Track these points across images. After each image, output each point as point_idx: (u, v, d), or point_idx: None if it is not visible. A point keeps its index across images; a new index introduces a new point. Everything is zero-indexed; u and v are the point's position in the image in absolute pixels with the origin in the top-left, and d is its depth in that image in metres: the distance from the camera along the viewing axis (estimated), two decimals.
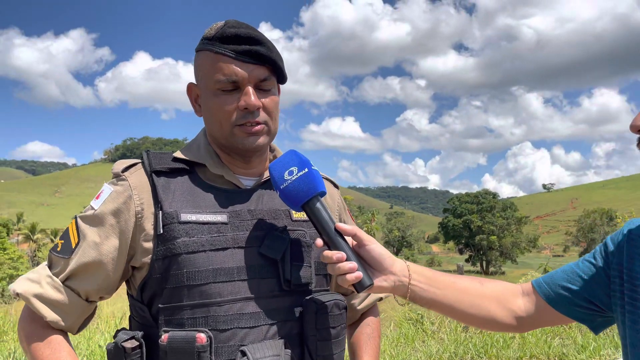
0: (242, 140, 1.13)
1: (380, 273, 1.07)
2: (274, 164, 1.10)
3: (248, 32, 1.10)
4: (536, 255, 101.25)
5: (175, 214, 1.08)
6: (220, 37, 1.10)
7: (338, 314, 1.11)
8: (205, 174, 1.17)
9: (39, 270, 1.13)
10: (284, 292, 1.11)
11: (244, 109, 1.10)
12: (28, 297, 1.09)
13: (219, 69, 1.10)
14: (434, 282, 1.11)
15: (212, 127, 1.16)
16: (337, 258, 1.03)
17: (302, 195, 1.06)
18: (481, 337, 6.22)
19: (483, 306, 1.13)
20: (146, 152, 1.18)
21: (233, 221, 1.12)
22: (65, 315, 1.10)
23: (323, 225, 1.06)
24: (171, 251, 1.07)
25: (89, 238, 1.11)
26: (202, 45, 1.14)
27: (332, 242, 1.05)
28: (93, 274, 1.10)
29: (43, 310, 1.08)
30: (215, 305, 1.06)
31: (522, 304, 1.15)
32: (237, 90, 1.11)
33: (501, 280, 1.21)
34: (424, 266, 1.14)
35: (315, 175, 1.07)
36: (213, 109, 1.13)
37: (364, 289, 1.04)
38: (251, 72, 1.10)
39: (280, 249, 1.11)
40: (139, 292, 1.12)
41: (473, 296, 1.13)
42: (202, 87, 1.15)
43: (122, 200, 1.12)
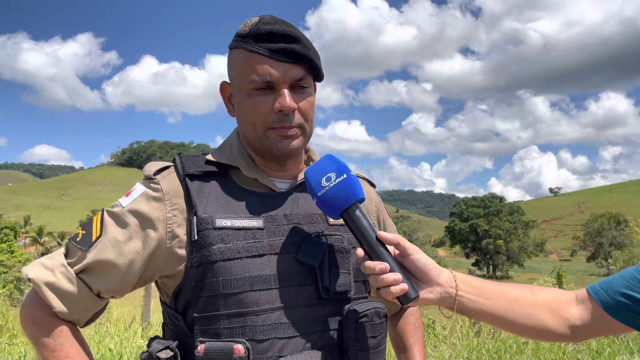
0: (276, 144, 1.08)
1: (425, 284, 1.01)
2: (310, 169, 1.05)
3: (284, 29, 1.05)
4: (543, 260, 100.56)
5: (210, 220, 1.04)
6: (254, 34, 1.06)
7: (379, 322, 1.06)
8: (239, 177, 1.13)
9: (54, 257, 1.08)
10: (323, 300, 1.06)
11: (278, 111, 1.06)
12: (39, 284, 1.04)
13: (252, 68, 1.06)
14: (482, 292, 1.05)
15: (245, 129, 1.12)
16: (380, 269, 0.97)
17: (341, 203, 1.01)
18: (494, 342, 6.16)
19: (535, 316, 1.06)
20: (179, 155, 1.14)
21: (269, 226, 1.07)
22: (74, 308, 1.06)
23: (364, 234, 1.01)
24: (206, 258, 1.03)
25: (110, 235, 1.06)
26: (236, 43, 1.10)
27: (374, 252, 1.00)
28: (107, 273, 1.06)
29: (52, 300, 1.04)
30: (253, 314, 1.01)
31: (577, 312, 1.08)
32: (272, 90, 1.06)
33: (549, 287, 1.14)
34: (470, 275, 1.09)
35: (354, 181, 1.02)
36: (246, 110, 1.09)
37: (409, 302, 0.99)
38: (287, 71, 1.06)
39: (318, 255, 1.06)
40: (173, 300, 1.09)
41: (524, 305, 1.06)
42: (236, 86, 1.11)
43: (154, 204, 1.07)
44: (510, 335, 6.38)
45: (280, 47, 1.05)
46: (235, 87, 1.12)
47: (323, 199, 1.01)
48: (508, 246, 69.40)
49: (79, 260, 1.06)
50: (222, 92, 1.17)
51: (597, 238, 73.97)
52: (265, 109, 1.06)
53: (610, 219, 75.90)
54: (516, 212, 74.89)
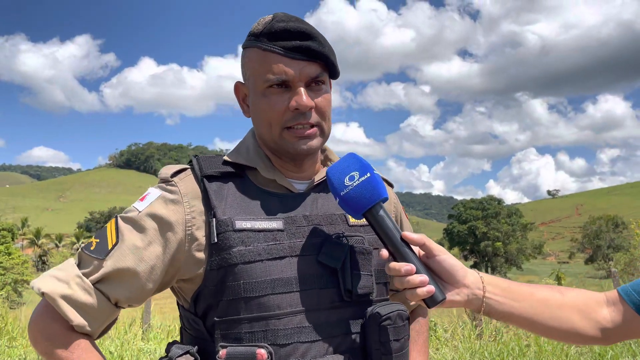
0: (293, 144, 1.07)
1: (452, 286, 0.99)
2: (332, 168, 1.03)
3: (298, 26, 1.04)
4: (541, 262, 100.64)
5: (230, 222, 1.02)
6: (268, 32, 1.04)
7: (402, 325, 1.04)
8: (257, 178, 1.11)
9: (66, 268, 1.04)
10: (345, 303, 1.04)
11: (294, 109, 1.04)
12: (54, 297, 0.99)
13: (267, 67, 1.04)
14: (510, 293, 1.02)
15: (261, 129, 1.10)
16: (405, 270, 0.95)
17: (365, 203, 0.98)
18: (496, 345, 6.14)
19: (565, 318, 1.03)
20: (195, 157, 1.12)
21: (289, 228, 1.05)
22: (92, 320, 1.01)
23: (388, 235, 0.99)
24: (227, 261, 1.01)
25: (129, 241, 1.03)
26: (250, 42, 1.08)
27: (399, 253, 0.98)
28: (127, 281, 1.02)
29: (69, 313, 0.99)
30: (275, 318, 0.99)
31: (608, 314, 1.05)
32: (288, 89, 1.05)
33: (578, 288, 1.11)
34: (497, 276, 1.06)
35: (378, 181, 1.00)
36: (262, 109, 1.07)
37: (436, 304, 0.96)
38: (302, 69, 1.04)
39: (340, 256, 1.04)
40: (192, 304, 1.06)
41: (554, 307, 1.04)
42: (251, 86, 1.10)
43: (172, 207, 1.05)
44: (513, 338, 6.36)
45: (295, 45, 1.03)
46: (249, 87, 1.10)
47: (346, 199, 0.99)
48: (506, 248, 69.46)
49: (94, 270, 1.01)
50: (236, 93, 1.16)
51: (595, 240, 74.09)
52: (280, 107, 1.05)
53: (608, 221, 76.08)
54: (514, 215, 74.95)
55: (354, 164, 1.01)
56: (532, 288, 1.06)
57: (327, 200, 1.13)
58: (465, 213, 75.11)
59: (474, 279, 1.00)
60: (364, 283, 1.05)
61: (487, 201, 76.68)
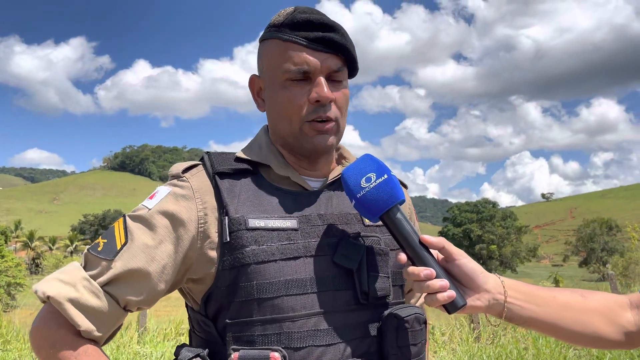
0: (312, 140, 1.04)
1: (472, 291, 0.96)
2: (348, 169, 0.99)
3: (321, 18, 1.02)
4: (536, 265, 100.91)
5: (243, 220, 0.98)
6: (290, 23, 1.02)
7: (419, 329, 1.01)
8: (270, 175, 1.07)
9: (70, 271, 0.98)
10: (361, 305, 1.01)
11: (315, 101, 1.01)
12: (61, 301, 0.93)
13: (288, 57, 1.01)
14: (532, 298, 0.99)
15: (278, 123, 1.07)
16: (425, 275, 0.92)
17: (382, 205, 0.95)
18: (494, 348, 6.13)
19: (588, 322, 1.00)
20: (207, 154, 1.09)
21: (303, 227, 1.02)
22: (100, 325, 0.95)
23: (406, 238, 0.95)
24: (239, 261, 0.97)
25: (139, 240, 0.98)
26: (269, 33, 1.06)
27: (418, 257, 0.94)
28: (139, 282, 0.97)
29: (77, 318, 0.93)
30: (289, 320, 0.95)
31: (632, 318, 1.02)
32: (307, 82, 1.02)
33: (599, 291, 1.10)
34: (518, 280, 1.03)
35: (395, 183, 0.97)
36: (281, 102, 1.04)
37: (457, 310, 0.93)
38: (324, 61, 1.01)
39: (356, 257, 1.00)
40: (203, 305, 1.02)
41: (576, 311, 1.01)
42: (268, 79, 1.06)
43: (183, 202, 1.01)
44: (511, 341, 6.35)
45: (317, 36, 1.01)
46: (267, 80, 1.07)
47: (362, 201, 0.96)
48: (501, 251, 69.67)
49: (102, 272, 0.96)
50: (250, 86, 1.13)
51: (589, 243, 74.27)
52: (300, 100, 1.02)
53: (602, 224, 76.32)
54: (509, 218, 75.23)
55: (370, 165, 0.98)
56: (554, 292, 1.03)
57: (342, 198, 1.09)
58: (460, 216, 75.35)
59: (495, 284, 0.97)
60: (381, 285, 1.02)
61: (482, 204, 76.97)
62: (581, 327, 1.00)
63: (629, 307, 1.03)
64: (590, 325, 1.00)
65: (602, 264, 62.20)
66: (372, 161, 0.99)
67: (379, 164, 0.98)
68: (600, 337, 1.01)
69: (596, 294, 1.05)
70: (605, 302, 1.03)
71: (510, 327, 6.86)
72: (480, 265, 0.98)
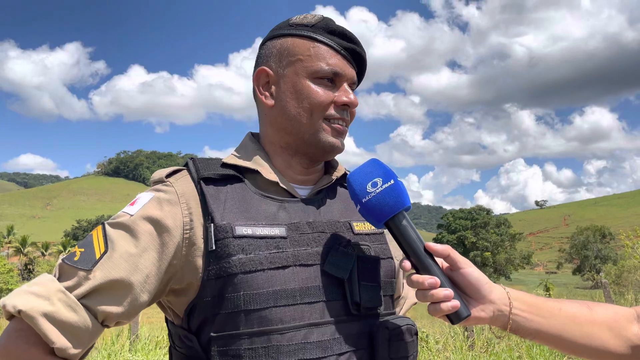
0: (328, 137, 1.03)
1: (477, 301, 0.93)
2: (353, 174, 0.97)
3: (351, 32, 1.06)
4: (530, 272, 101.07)
5: (229, 227, 0.94)
6: (325, 27, 1.04)
7: (411, 340, 0.99)
8: (257, 182, 1.04)
9: (44, 282, 0.90)
10: (352, 316, 0.97)
11: (342, 105, 1.03)
12: (34, 315, 0.85)
13: (322, 57, 1.02)
14: (537, 309, 0.97)
15: (296, 116, 1.03)
16: (429, 284, 0.89)
17: (387, 211, 0.93)
18: (488, 356, 6.10)
19: (595, 335, 0.98)
20: (191, 159, 1.06)
21: (292, 235, 0.98)
22: (76, 342, 0.88)
23: (411, 245, 0.93)
24: (226, 270, 0.92)
25: (120, 248, 0.92)
26: (298, 30, 1.05)
27: (422, 265, 0.92)
28: (120, 293, 0.91)
29: (51, 334, 0.85)
30: (277, 333, 0.91)
31: (638, 331, 0.99)
32: (332, 85, 1.03)
33: (605, 303, 1.07)
34: (524, 291, 1.02)
35: (402, 188, 0.94)
36: (307, 94, 1.02)
37: (460, 321, 0.90)
38: (349, 71, 1.05)
39: (347, 266, 0.97)
40: (185, 318, 0.97)
41: (583, 324, 0.98)
42: (289, 73, 1.04)
43: (168, 208, 0.96)
44: (505, 349, 6.32)
45: (350, 47, 1.05)
46: (286, 74, 1.04)
47: (368, 206, 0.94)
48: (495, 258, 69.74)
49: (80, 283, 0.89)
50: (257, 78, 1.08)
51: (583, 251, 74.50)
52: (327, 98, 1.02)
53: (596, 232, 76.65)
54: (503, 225, 75.36)
55: (377, 170, 0.96)
56: (560, 303, 1.00)
57: (330, 207, 1.07)
58: (454, 223, 75.42)
59: (500, 295, 0.95)
60: (372, 295, 0.99)
61: (476, 211, 77.07)
62: (587, 340, 0.98)
63: (636, 320, 1.01)
64: (596, 338, 0.98)
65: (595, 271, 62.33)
66: (378, 166, 0.97)
67: (386, 169, 0.96)
68: (606, 350, 0.98)
69: (602, 306, 1.03)
70: (611, 315, 1.01)
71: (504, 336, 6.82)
72: (487, 277, 0.96)
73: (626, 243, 11.49)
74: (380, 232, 1.10)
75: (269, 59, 1.08)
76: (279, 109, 1.05)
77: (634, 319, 1.01)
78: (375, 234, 1.09)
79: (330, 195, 1.09)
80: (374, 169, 0.96)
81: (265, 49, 1.09)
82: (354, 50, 1.05)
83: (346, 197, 1.11)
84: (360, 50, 1.07)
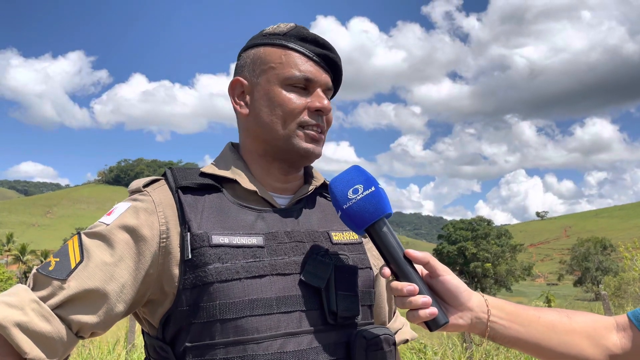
0: (303, 145, 1.03)
1: (455, 309, 0.94)
2: (335, 180, 0.98)
3: (323, 39, 1.07)
4: (530, 284, 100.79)
5: (206, 236, 0.94)
6: (297, 35, 1.06)
7: (388, 350, 0.99)
8: (235, 192, 1.04)
9: (18, 292, 0.89)
10: (329, 326, 0.97)
11: (316, 110, 1.03)
12: (6, 325, 0.83)
13: (293, 64, 1.03)
14: (516, 317, 0.97)
15: (270, 124, 1.04)
16: (408, 291, 0.90)
17: (368, 217, 0.93)
18: None
19: (573, 344, 0.98)
20: (169, 169, 1.06)
21: (270, 244, 0.98)
22: (50, 352, 0.87)
23: (391, 252, 0.93)
24: (202, 279, 0.92)
25: (96, 258, 0.91)
26: (270, 39, 1.06)
27: (402, 272, 0.92)
28: (95, 303, 0.90)
29: (24, 345, 0.84)
30: (253, 342, 0.90)
31: (617, 340, 0.99)
32: (306, 91, 1.04)
33: (585, 312, 1.06)
34: (502, 299, 1.01)
35: (382, 195, 0.95)
36: (280, 101, 1.02)
37: (438, 328, 0.91)
38: (323, 77, 1.06)
39: (324, 276, 0.97)
40: (160, 328, 0.96)
41: (561, 332, 0.99)
42: (262, 81, 1.05)
43: (144, 216, 0.96)
44: None
45: (322, 53, 1.06)
46: (259, 82, 1.05)
47: (349, 212, 0.94)
48: (496, 269, 69.52)
49: (54, 293, 0.88)
50: (232, 88, 1.10)
51: (584, 262, 74.31)
52: (299, 105, 1.03)
53: (597, 243, 76.46)
54: (504, 236, 75.20)
55: (358, 177, 0.97)
56: (539, 312, 1.01)
57: (309, 217, 1.07)
58: (454, 234, 75.27)
59: (478, 302, 0.95)
60: (350, 304, 0.98)
61: (477, 222, 76.99)
62: (565, 348, 0.98)
63: (615, 329, 1.01)
64: (574, 346, 0.98)
65: (596, 283, 62.14)
66: (359, 173, 0.97)
67: (367, 176, 0.97)
68: (584, 358, 0.99)
69: (582, 315, 1.03)
70: (590, 324, 1.01)
71: (503, 347, 6.79)
72: (465, 284, 0.97)
73: (625, 255, 11.47)
74: (359, 242, 1.09)
75: (243, 69, 1.09)
76: (253, 117, 1.06)
77: (613, 328, 1.01)
78: (354, 243, 1.08)
79: (309, 205, 1.10)
80: (356, 175, 0.97)
81: (241, 59, 1.11)
82: (326, 56, 1.06)
83: (325, 207, 1.12)
84: (334, 56, 1.07)
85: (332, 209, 1.11)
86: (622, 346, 0.99)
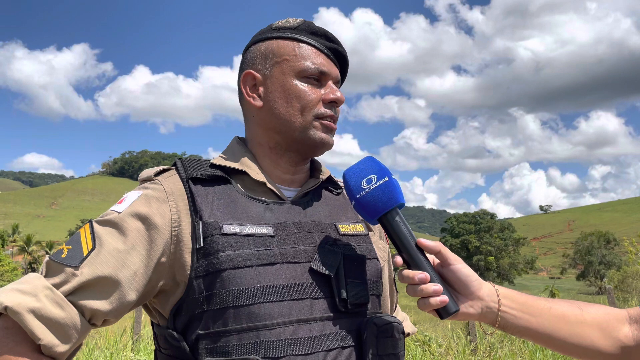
0: (319, 135, 1.06)
1: (465, 297, 0.95)
2: (349, 170, 1.00)
3: (332, 34, 1.10)
4: (533, 277, 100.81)
5: (217, 225, 0.95)
6: (307, 29, 1.08)
7: (399, 337, 1.01)
8: (244, 183, 1.06)
9: (31, 280, 0.89)
10: (340, 313, 0.98)
11: (330, 102, 1.07)
12: (20, 312, 0.83)
13: (307, 57, 1.06)
14: (527, 307, 0.98)
15: (284, 116, 1.05)
16: (419, 279, 0.92)
17: (381, 207, 0.95)
18: None
19: (585, 335, 0.98)
20: (180, 159, 1.07)
21: (279, 234, 1.00)
22: (65, 339, 0.87)
23: (403, 241, 0.95)
24: (214, 267, 0.93)
25: (108, 245, 0.92)
26: (282, 32, 1.08)
27: (413, 260, 0.94)
28: (107, 291, 0.90)
29: (38, 331, 0.84)
30: (266, 329, 0.91)
31: (630, 332, 0.99)
32: (318, 83, 1.07)
33: (597, 304, 1.06)
34: (514, 290, 1.02)
35: (395, 185, 0.97)
36: (296, 92, 1.05)
37: (449, 316, 0.93)
38: (334, 70, 1.09)
39: (334, 264, 0.99)
40: (171, 318, 0.97)
41: (572, 323, 0.99)
42: (276, 73, 1.07)
43: (156, 205, 0.97)
44: (508, 354, 6.31)
45: (332, 47, 1.09)
46: (273, 75, 1.07)
47: (362, 202, 0.96)
48: (499, 263, 69.52)
49: (67, 280, 0.88)
50: (243, 80, 1.10)
51: (587, 256, 74.15)
52: (316, 97, 1.06)
53: (600, 237, 76.28)
54: (507, 229, 75.11)
55: (371, 167, 0.99)
56: (550, 302, 1.01)
57: (316, 209, 1.09)
58: (458, 227, 75.25)
59: (489, 292, 0.96)
60: (359, 292, 1.00)
61: (480, 215, 76.88)
62: (577, 339, 0.98)
63: (627, 322, 1.01)
64: (586, 337, 0.99)
65: (599, 277, 62.11)
66: (373, 163, 1.00)
67: (381, 167, 0.99)
68: (596, 349, 0.99)
69: (594, 307, 1.04)
70: (603, 315, 1.01)
71: (507, 340, 6.82)
72: (476, 274, 0.97)
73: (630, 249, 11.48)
74: (365, 234, 1.11)
75: (254, 62, 1.10)
76: (267, 109, 1.07)
77: (625, 321, 1.01)
78: (360, 235, 1.10)
79: (316, 197, 1.11)
80: (369, 166, 0.99)
81: (250, 53, 1.12)
82: (336, 49, 1.09)
83: (331, 200, 1.14)
84: (342, 50, 1.11)
85: (338, 202, 1.14)
86: (635, 338, 0.99)
